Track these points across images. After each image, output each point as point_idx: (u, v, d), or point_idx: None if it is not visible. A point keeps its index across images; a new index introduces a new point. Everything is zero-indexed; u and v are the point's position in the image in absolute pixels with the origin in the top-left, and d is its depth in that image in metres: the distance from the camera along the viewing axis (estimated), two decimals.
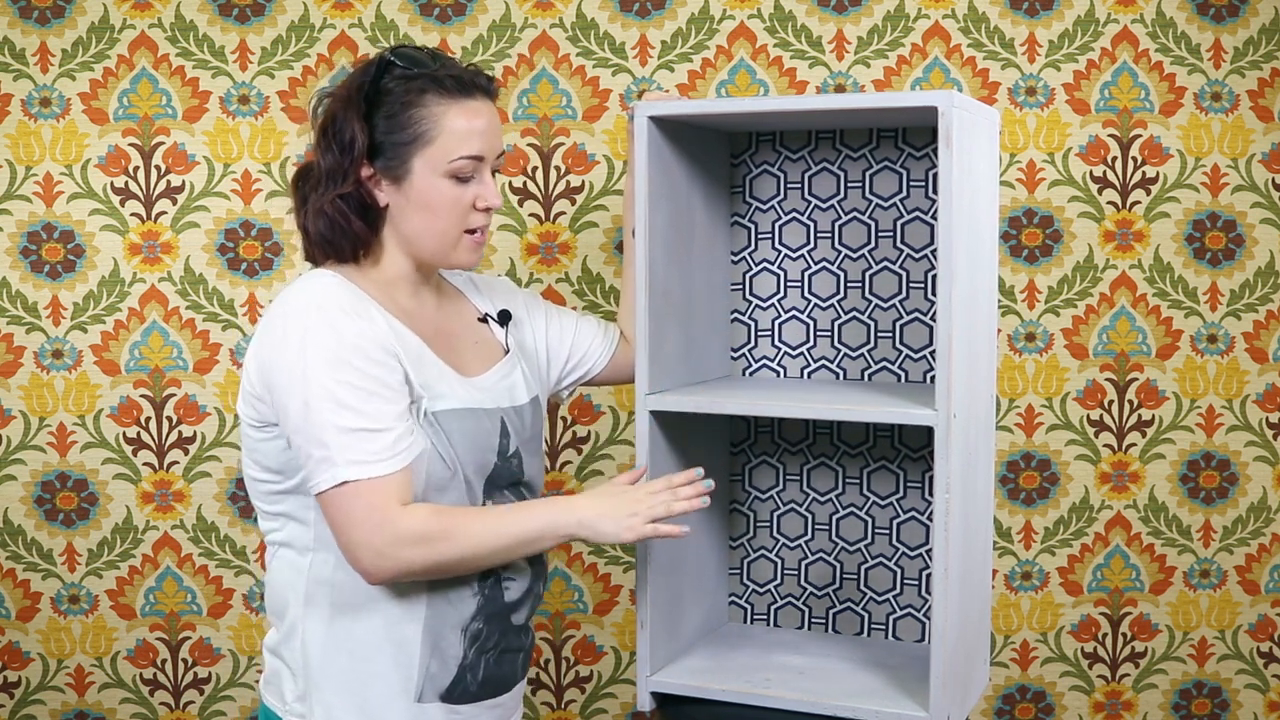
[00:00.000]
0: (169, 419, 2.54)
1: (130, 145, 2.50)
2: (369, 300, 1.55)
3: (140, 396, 2.53)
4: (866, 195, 1.94)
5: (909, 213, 1.92)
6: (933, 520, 1.61)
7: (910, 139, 1.91)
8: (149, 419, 2.54)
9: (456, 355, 1.64)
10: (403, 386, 1.51)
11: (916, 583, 1.95)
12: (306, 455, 1.49)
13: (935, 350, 1.60)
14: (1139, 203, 2.53)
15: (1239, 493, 2.60)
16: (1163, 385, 2.57)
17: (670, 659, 1.85)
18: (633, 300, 1.83)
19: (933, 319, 1.92)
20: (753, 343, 2.03)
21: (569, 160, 2.52)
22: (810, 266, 1.98)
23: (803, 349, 2.00)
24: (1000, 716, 2.65)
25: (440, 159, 1.56)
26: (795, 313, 2.00)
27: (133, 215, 2.51)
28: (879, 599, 1.98)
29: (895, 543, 1.97)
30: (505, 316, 1.75)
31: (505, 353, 1.72)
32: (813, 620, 2.02)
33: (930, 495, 1.94)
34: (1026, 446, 2.58)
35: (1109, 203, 2.53)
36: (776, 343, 2.02)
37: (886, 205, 1.93)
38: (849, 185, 1.95)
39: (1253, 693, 2.64)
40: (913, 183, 1.92)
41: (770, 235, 2.00)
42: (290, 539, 1.59)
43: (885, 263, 1.94)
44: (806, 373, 2.00)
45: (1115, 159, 2.52)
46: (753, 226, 2.01)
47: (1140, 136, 2.52)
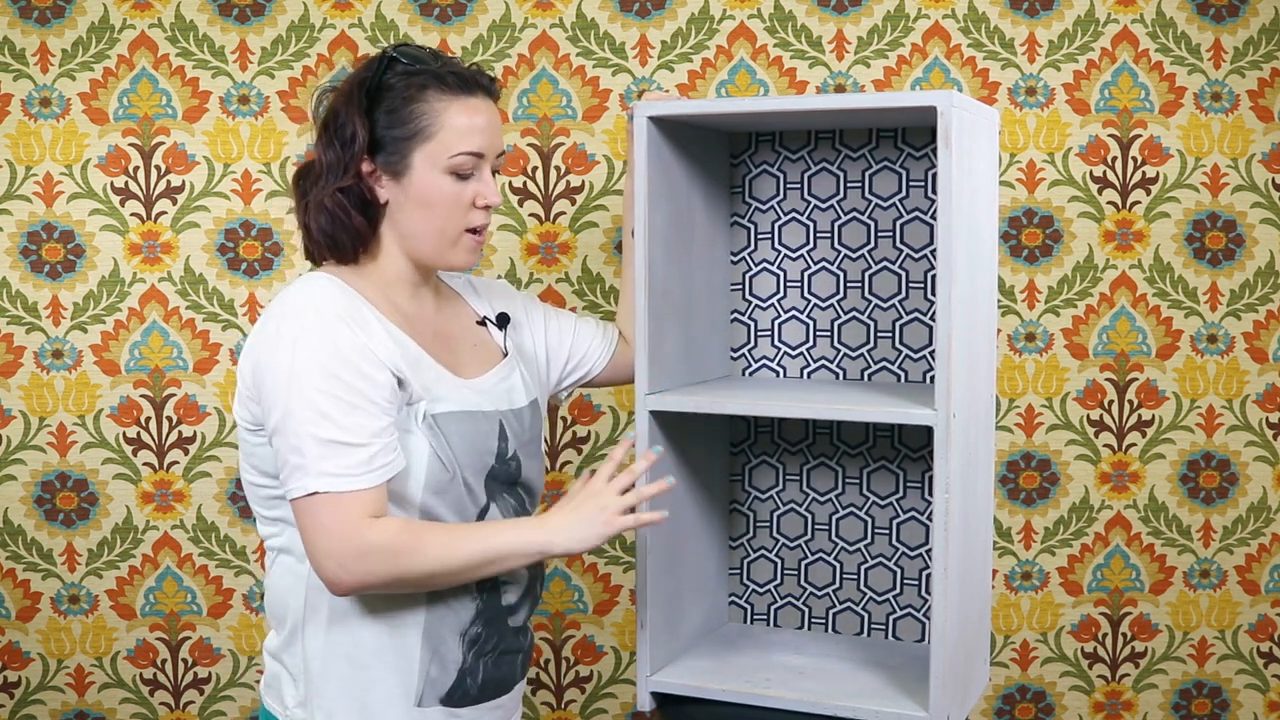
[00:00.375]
0: (169, 419, 2.54)
1: (130, 145, 2.50)
2: (366, 304, 1.55)
3: (140, 396, 2.53)
4: (866, 195, 1.94)
5: (909, 213, 1.92)
6: (933, 520, 1.61)
7: (910, 139, 1.91)
8: (149, 419, 2.54)
9: (455, 358, 1.64)
10: (390, 401, 1.50)
11: (916, 583, 1.95)
12: (284, 461, 1.49)
13: (935, 350, 1.60)
14: (1139, 203, 2.53)
15: (1239, 493, 2.60)
16: (1163, 385, 2.57)
17: (670, 659, 1.85)
18: (632, 300, 1.83)
19: (933, 319, 1.92)
20: (753, 343, 2.03)
21: (569, 160, 2.52)
22: (810, 266, 1.98)
23: (803, 349, 2.00)
24: (1000, 716, 2.65)
25: (440, 154, 1.56)
26: (795, 313, 2.00)
27: (133, 215, 2.51)
28: (879, 599, 1.98)
29: (895, 543, 1.97)
30: (504, 319, 1.75)
31: (504, 355, 1.72)
32: (813, 620, 2.02)
33: (930, 495, 1.94)
34: (1026, 446, 2.58)
35: (1109, 203, 2.53)
36: (776, 343, 2.01)
37: (886, 205, 1.93)
38: (849, 185, 1.95)
39: (1253, 693, 2.64)
40: (912, 183, 1.92)
41: (770, 235, 2.00)
42: (289, 545, 1.58)
43: (885, 263, 1.94)
44: (806, 373, 2.00)
45: (1115, 159, 2.52)
46: (752, 226, 2.01)
47: (1140, 136, 2.52)
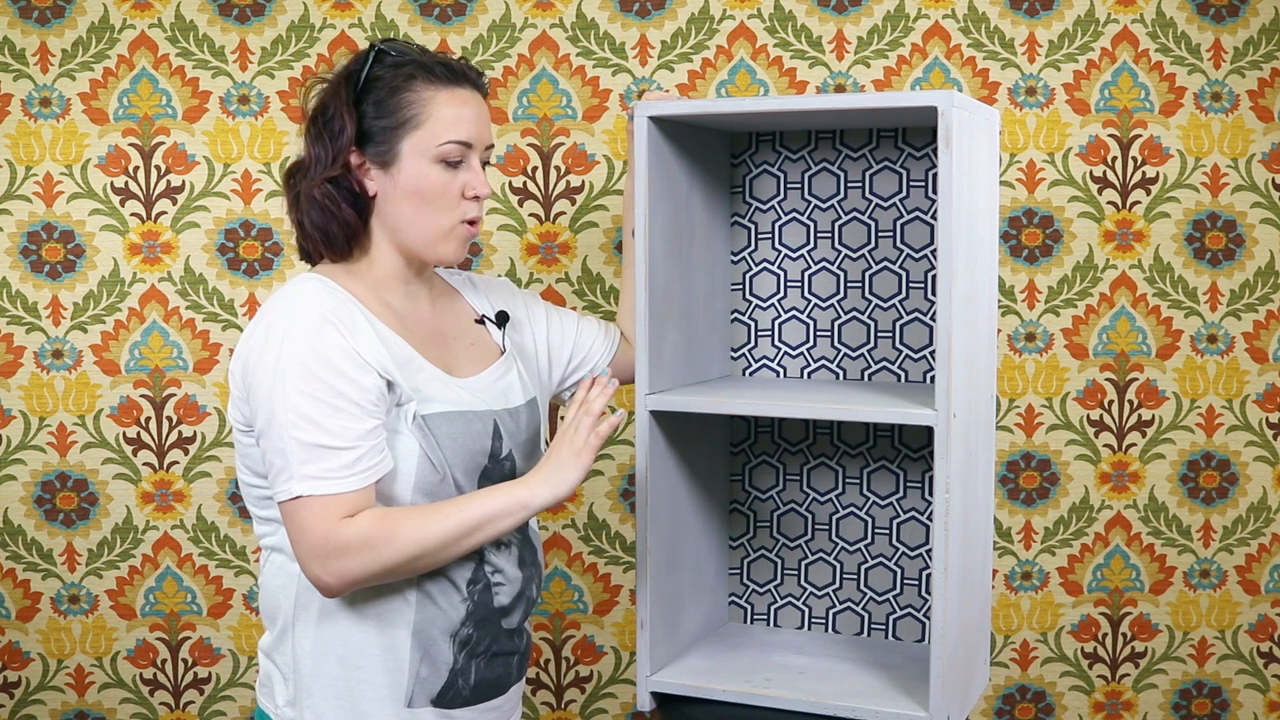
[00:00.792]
0: (169, 419, 2.54)
1: (130, 145, 2.50)
2: (356, 305, 1.55)
3: (140, 396, 2.53)
4: (866, 195, 1.94)
5: (909, 213, 1.92)
6: (933, 520, 1.61)
7: (910, 139, 1.91)
8: (149, 419, 2.54)
9: (450, 356, 1.64)
10: (376, 404, 1.50)
11: (916, 583, 1.95)
12: (270, 463, 1.50)
13: (935, 350, 1.60)
14: (1139, 203, 2.53)
15: (1239, 493, 2.60)
16: (1163, 385, 2.57)
17: (670, 659, 1.85)
18: (633, 300, 1.83)
19: (933, 319, 1.92)
20: (753, 343, 2.03)
21: (569, 160, 2.52)
22: (810, 266, 1.98)
23: (803, 349, 2.00)
24: (1000, 716, 2.65)
25: (429, 143, 1.56)
26: (795, 313, 2.00)
27: (133, 215, 2.51)
28: (879, 599, 1.98)
29: (895, 543, 1.97)
30: (503, 318, 1.75)
31: (501, 353, 1.72)
32: (813, 620, 2.02)
33: (930, 495, 1.94)
34: (1026, 446, 2.58)
35: (1109, 203, 2.53)
36: (776, 343, 2.01)
37: (886, 205, 1.93)
38: (849, 185, 1.95)
39: (1253, 693, 2.64)
40: (913, 183, 1.92)
41: (770, 235, 2.00)
42: (281, 544, 1.58)
43: (885, 263, 1.94)
44: (806, 373, 2.00)
45: (1115, 159, 2.52)
46: (753, 226, 2.01)
47: (1140, 136, 2.52)
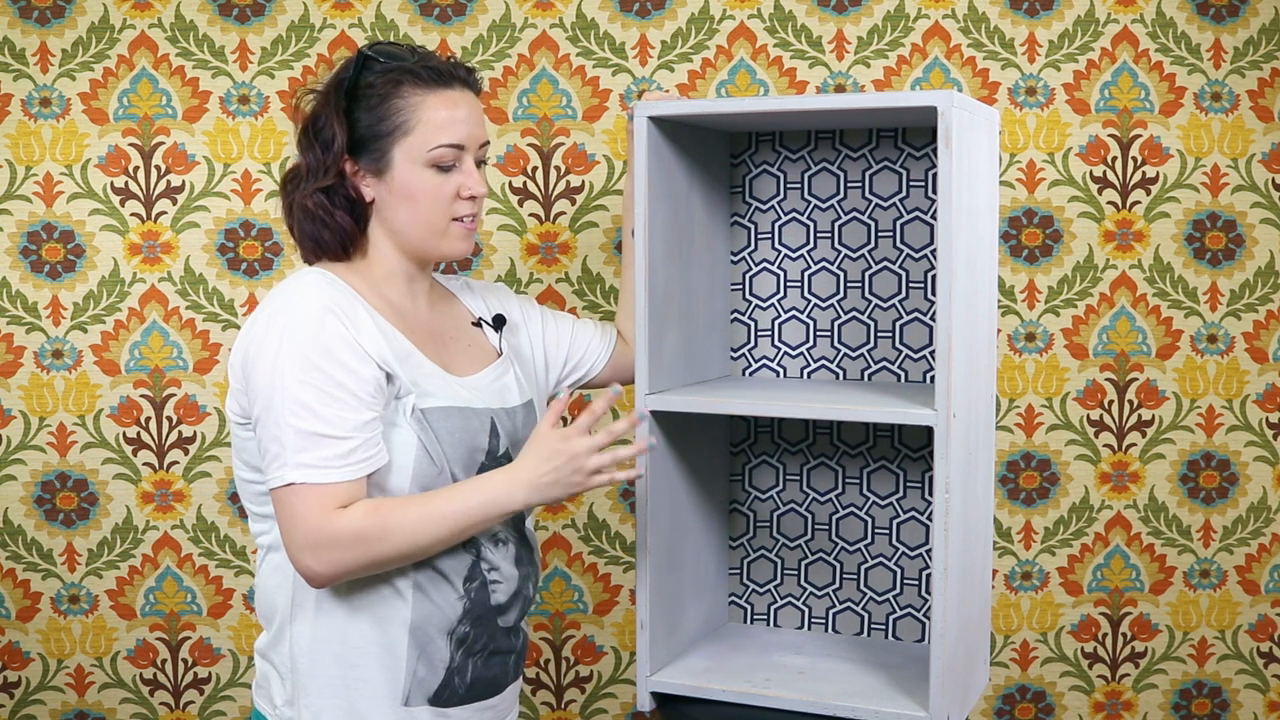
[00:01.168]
0: (169, 419, 2.54)
1: (130, 145, 2.50)
2: (358, 299, 1.55)
3: (140, 396, 2.53)
4: (866, 195, 1.94)
5: (909, 213, 1.92)
6: (933, 520, 1.61)
7: (910, 139, 1.91)
8: (149, 419, 2.54)
9: (448, 356, 1.64)
10: (374, 396, 1.50)
11: (916, 583, 1.95)
12: (265, 450, 1.50)
13: (935, 350, 1.60)
14: (1139, 203, 2.53)
15: (1239, 493, 2.60)
16: (1163, 385, 2.57)
17: (670, 659, 1.85)
18: (632, 300, 1.83)
19: (933, 319, 1.92)
20: (753, 343, 2.03)
21: (569, 160, 2.52)
22: (810, 266, 1.98)
23: (803, 349, 2.00)
24: (1000, 716, 2.65)
25: (420, 148, 1.56)
26: (795, 313, 2.00)
27: (133, 215, 2.51)
28: (879, 599, 1.98)
29: (895, 543, 1.97)
30: (500, 321, 1.75)
31: (498, 355, 1.72)
32: (813, 620, 2.02)
33: (930, 495, 1.94)
34: (1026, 446, 2.58)
35: (1109, 203, 2.53)
36: (776, 343, 2.01)
37: (886, 205, 1.93)
38: (849, 185, 1.95)
39: (1253, 693, 2.64)
40: (912, 183, 1.92)
41: (770, 235, 2.00)
42: (277, 542, 1.58)
43: (885, 263, 1.94)
44: (806, 373, 2.00)
45: (1115, 159, 2.52)
46: (753, 226, 2.01)
47: (1140, 136, 2.52)
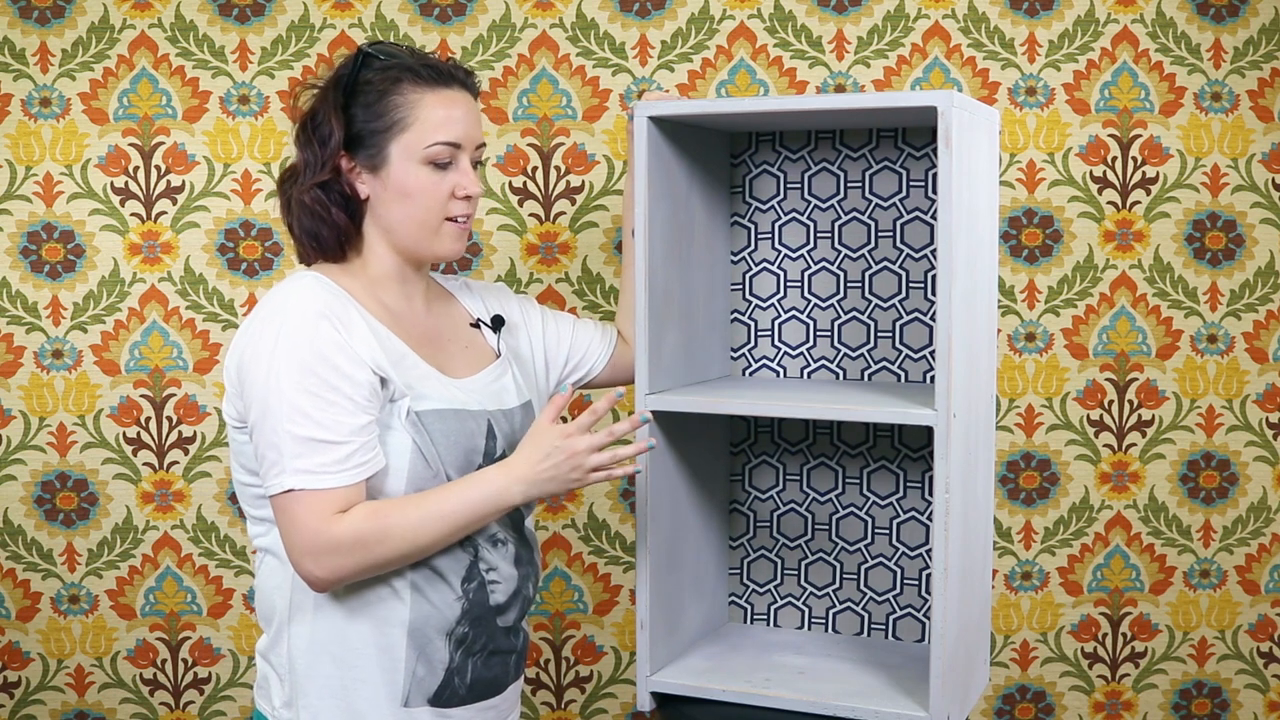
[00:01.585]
0: (169, 419, 2.54)
1: (130, 145, 2.50)
2: (352, 302, 1.55)
3: (140, 396, 2.53)
4: (866, 195, 1.94)
5: (909, 213, 1.92)
6: (933, 520, 1.61)
7: (910, 139, 1.91)
8: (149, 419, 2.54)
9: (445, 357, 1.64)
10: (369, 400, 1.50)
11: (916, 583, 1.95)
12: (262, 457, 1.50)
13: (935, 350, 1.60)
14: (1139, 203, 2.53)
15: (1239, 493, 2.60)
16: (1163, 385, 2.57)
17: (670, 659, 1.85)
18: (632, 300, 1.83)
19: (933, 319, 1.92)
20: (753, 343, 2.03)
21: (569, 160, 2.52)
22: (810, 266, 1.98)
23: (803, 349, 2.00)
24: (1000, 716, 2.65)
25: (416, 145, 1.57)
26: (795, 313, 2.00)
27: (133, 215, 2.51)
28: (879, 599, 1.98)
29: (895, 543, 1.97)
30: (498, 322, 1.75)
31: (496, 357, 1.72)
32: (813, 620, 2.02)
33: (930, 495, 1.94)
34: (1026, 446, 2.58)
35: (1109, 203, 2.53)
36: (776, 343, 2.01)
37: (886, 205, 1.93)
38: (849, 185, 1.95)
39: (1253, 693, 2.64)
40: (912, 183, 1.92)
41: (770, 235, 2.00)
42: (275, 544, 1.58)
43: (885, 263, 1.94)
44: (806, 373, 2.00)
45: (1115, 159, 2.52)
46: (753, 226, 2.01)
47: (1140, 136, 2.52)
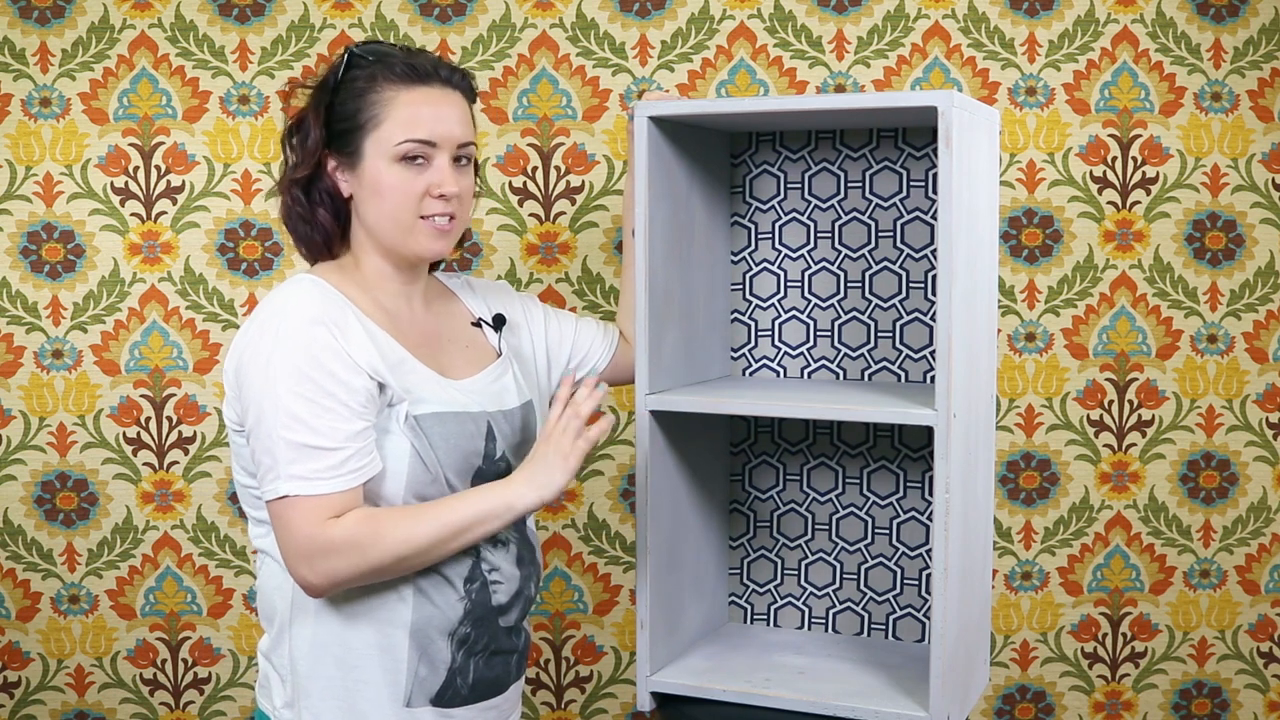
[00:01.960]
0: (169, 419, 2.54)
1: (130, 145, 2.50)
2: (349, 306, 1.55)
3: (140, 396, 2.53)
4: (866, 195, 1.94)
5: (909, 213, 1.92)
6: (933, 520, 1.61)
7: (910, 139, 1.91)
8: (149, 419, 2.54)
9: (444, 358, 1.64)
10: (365, 405, 1.50)
11: (916, 583, 1.95)
12: (258, 462, 1.51)
13: (935, 350, 1.60)
14: (1139, 203, 2.53)
15: (1239, 493, 2.60)
16: (1163, 385, 2.57)
17: (670, 659, 1.85)
18: (632, 300, 1.83)
19: (933, 319, 1.92)
20: (753, 343, 2.03)
21: (569, 160, 2.52)
22: (810, 266, 1.98)
23: (803, 349, 2.00)
24: (1000, 716, 2.65)
25: (387, 142, 1.57)
26: (795, 313, 2.00)
27: (133, 215, 2.51)
28: (879, 599, 1.98)
29: (895, 543, 1.97)
30: (500, 321, 1.75)
31: (497, 356, 1.72)
32: (813, 620, 2.02)
33: (930, 495, 1.94)
34: (1026, 446, 2.58)
35: (1109, 203, 2.53)
36: (776, 343, 2.01)
37: (886, 205, 1.93)
38: (849, 185, 1.95)
39: (1253, 693, 2.64)
40: (913, 183, 1.92)
41: (770, 235, 2.00)
42: (275, 546, 1.58)
43: (885, 263, 1.94)
44: (806, 373, 2.00)
45: (1115, 159, 2.52)
46: (753, 226, 2.01)
47: (1140, 136, 2.52)
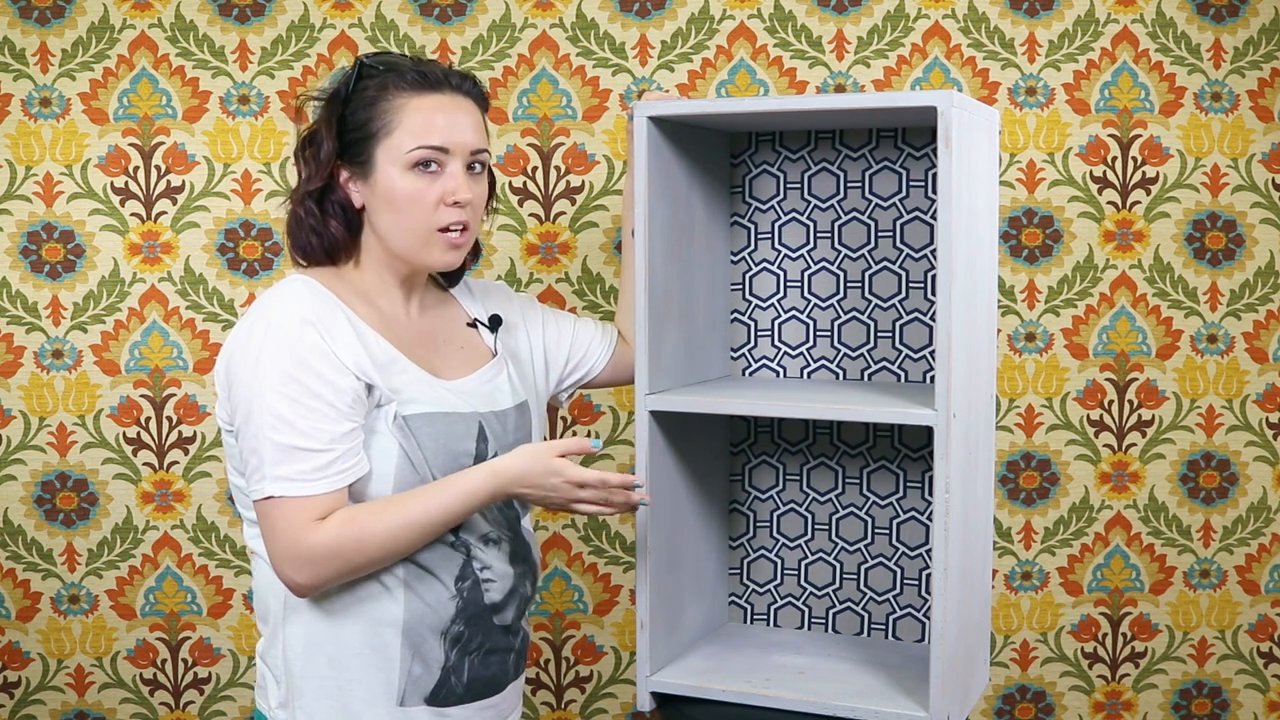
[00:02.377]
0: (169, 419, 2.54)
1: (130, 145, 2.50)
2: (340, 307, 1.55)
3: (140, 396, 2.53)
4: (866, 195, 1.94)
5: (909, 213, 1.92)
6: (933, 520, 1.61)
7: (910, 139, 1.91)
8: (149, 419, 2.54)
9: (438, 359, 1.64)
10: (352, 407, 1.50)
11: (916, 583, 1.95)
12: (246, 463, 1.51)
13: (935, 350, 1.60)
14: (1139, 203, 2.53)
15: (1239, 493, 2.60)
16: (1163, 385, 2.57)
17: (670, 659, 1.85)
18: (632, 300, 1.83)
19: (933, 319, 1.92)
20: (753, 343, 2.03)
21: (569, 160, 2.52)
22: (810, 266, 1.98)
23: (803, 349, 2.00)
24: (1000, 716, 2.65)
25: (399, 149, 1.57)
26: (795, 313, 2.00)
27: (133, 215, 2.51)
28: (879, 599, 1.98)
29: (895, 543, 1.97)
30: (495, 321, 1.75)
31: (493, 357, 1.72)
32: (813, 620, 2.02)
33: (930, 495, 1.94)
34: (1026, 446, 2.58)
35: (1109, 203, 2.53)
36: (776, 343, 2.02)
37: (886, 205, 1.93)
38: (849, 185, 1.95)
39: (1253, 693, 2.64)
40: (912, 183, 1.92)
41: (770, 235, 2.00)
42: None
43: (885, 263, 1.94)
44: (806, 373, 2.00)
45: (1115, 159, 2.52)
46: (753, 226, 2.01)
47: (1140, 136, 2.52)
